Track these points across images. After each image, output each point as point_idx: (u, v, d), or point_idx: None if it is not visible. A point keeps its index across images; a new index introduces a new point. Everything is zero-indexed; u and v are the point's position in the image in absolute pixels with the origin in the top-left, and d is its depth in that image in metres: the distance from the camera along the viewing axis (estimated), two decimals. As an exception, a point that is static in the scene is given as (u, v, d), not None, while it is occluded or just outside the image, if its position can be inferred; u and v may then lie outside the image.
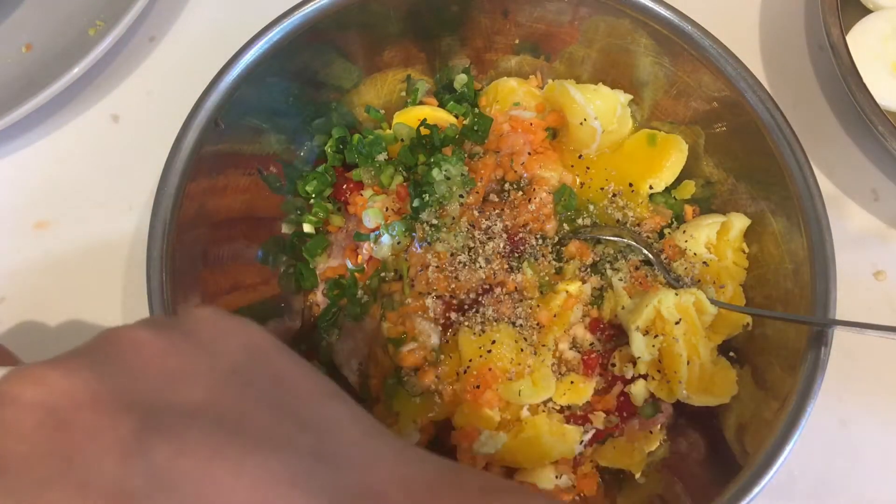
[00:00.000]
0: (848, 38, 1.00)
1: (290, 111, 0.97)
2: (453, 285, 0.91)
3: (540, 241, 0.95)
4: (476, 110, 1.02)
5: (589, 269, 0.96)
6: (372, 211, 0.94)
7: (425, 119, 0.97)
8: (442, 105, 1.03)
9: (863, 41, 1.04)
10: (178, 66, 1.13)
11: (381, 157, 0.96)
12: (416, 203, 0.93)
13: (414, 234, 0.94)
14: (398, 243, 0.94)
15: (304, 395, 0.50)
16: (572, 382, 0.90)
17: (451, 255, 0.92)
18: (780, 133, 0.88)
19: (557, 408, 0.92)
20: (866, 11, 1.08)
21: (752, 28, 1.15)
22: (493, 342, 0.88)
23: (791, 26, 1.15)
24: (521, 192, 0.97)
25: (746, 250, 0.95)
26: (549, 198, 0.96)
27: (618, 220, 0.98)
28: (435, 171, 0.91)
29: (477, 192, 0.95)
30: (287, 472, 0.42)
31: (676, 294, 0.87)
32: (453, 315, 0.92)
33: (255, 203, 0.96)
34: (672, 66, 0.94)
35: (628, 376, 0.90)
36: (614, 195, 0.98)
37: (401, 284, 0.94)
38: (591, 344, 0.93)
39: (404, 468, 0.47)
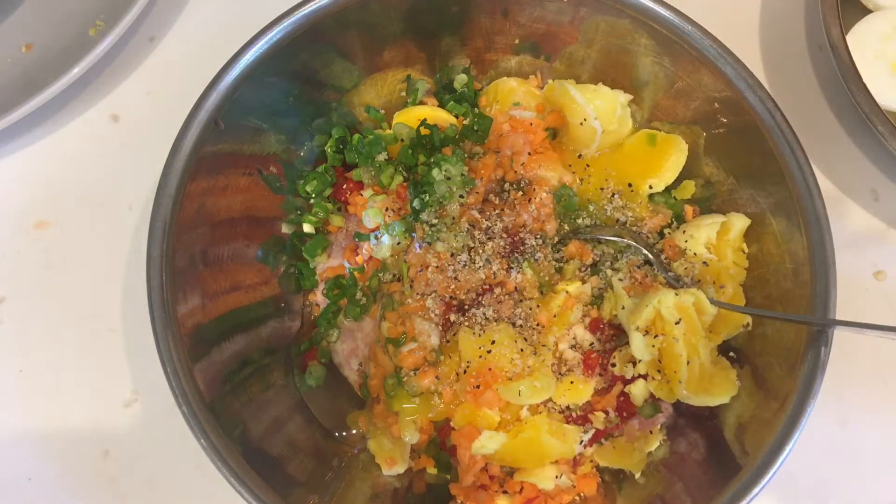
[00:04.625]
0: (848, 38, 1.00)
1: (290, 111, 0.97)
2: (453, 286, 0.91)
3: (540, 241, 0.95)
4: (476, 110, 1.02)
5: (589, 269, 0.96)
6: (372, 211, 0.94)
7: (425, 119, 0.97)
8: (442, 105, 1.03)
9: (863, 41, 1.04)
10: (178, 66, 1.13)
11: (381, 157, 0.96)
12: (416, 203, 0.93)
13: (414, 234, 0.94)
14: (398, 243, 0.94)
15: None
16: (572, 382, 0.90)
17: (451, 255, 0.92)
18: (780, 133, 0.88)
19: (557, 408, 0.92)
20: (866, 11, 1.08)
21: (752, 28, 1.15)
22: (493, 342, 0.88)
23: (791, 26, 1.15)
24: (521, 192, 0.97)
25: (746, 250, 0.95)
26: (549, 198, 0.96)
27: (618, 220, 0.98)
28: (435, 171, 0.91)
29: (477, 192, 0.95)
30: None
31: (676, 294, 0.87)
32: (453, 316, 0.92)
33: (255, 203, 0.96)
34: (672, 66, 0.94)
35: (628, 376, 0.90)
36: (614, 195, 0.98)
37: (400, 285, 0.94)
38: (591, 344, 0.93)
39: None
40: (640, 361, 0.89)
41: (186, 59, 1.13)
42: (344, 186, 0.99)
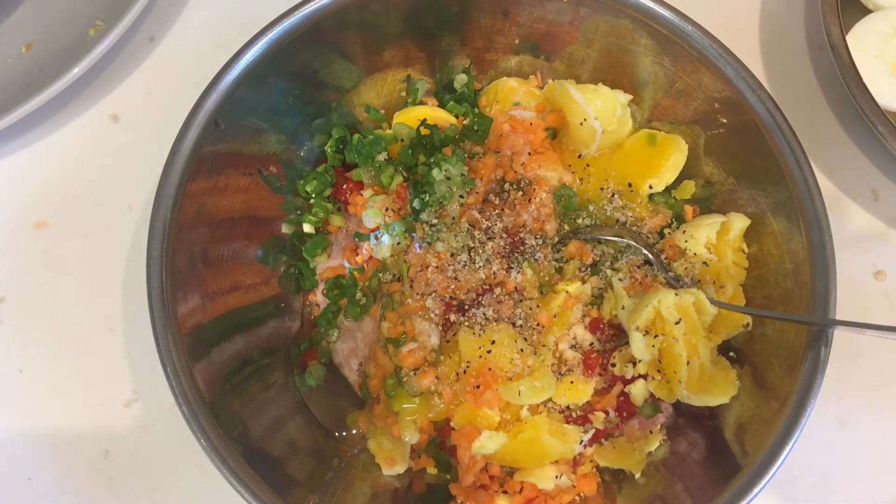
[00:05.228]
0: (848, 38, 1.00)
1: (290, 111, 0.97)
2: (453, 286, 0.91)
3: (540, 242, 0.95)
4: (476, 110, 1.02)
5: (589, 269, 0.96)
6: (372, 211, 0.94)
7: (425, 119, 0.97)
8: (442, 105, 1.03)
9: (863, 41, 1.04)
10: (178, 66, 1.13)
11: (381, 157, 0.96)
12: (416, 203, 0.93)
13: (414, 234, 0.94)
14: (398, 243, 0.94)
15: None
16: (572, 382, 0.90)
17: (451, 255, 0.92)
18: (780, 133, 0.88)
19: (557, 408, 0.92)
20: (866, 11, 1.08)
21: (752, 28, 1.15)
22: (493, 342, 0.88)
23: (791, 26, 1.15)
24: (521, 192, 0.97)
25: (746, 250, 0.95)
26: (549, 198, 0.96)
27: (618, 220, 0.98)
28: (435, 171, 0.91)
29: (477, 192, 0.95)
30: None
31: (676, 294, 0.87)
32: (453, 316, 0.92)
33: (255, 203, 0.96)
34: (672, 66, 0.94)
35: (628, 376, 0.90)
36: (614, 195, 0.98)
37: (400, 285, 0.94)
38: (591, 344, 0.93)
39: None
40: (640, 361, 0.89)
41: (186, 59, 1.13)
42: (344, 186, 0.99)
